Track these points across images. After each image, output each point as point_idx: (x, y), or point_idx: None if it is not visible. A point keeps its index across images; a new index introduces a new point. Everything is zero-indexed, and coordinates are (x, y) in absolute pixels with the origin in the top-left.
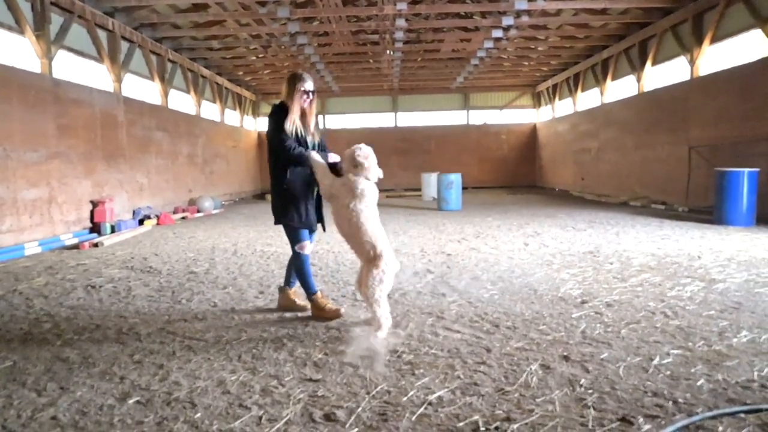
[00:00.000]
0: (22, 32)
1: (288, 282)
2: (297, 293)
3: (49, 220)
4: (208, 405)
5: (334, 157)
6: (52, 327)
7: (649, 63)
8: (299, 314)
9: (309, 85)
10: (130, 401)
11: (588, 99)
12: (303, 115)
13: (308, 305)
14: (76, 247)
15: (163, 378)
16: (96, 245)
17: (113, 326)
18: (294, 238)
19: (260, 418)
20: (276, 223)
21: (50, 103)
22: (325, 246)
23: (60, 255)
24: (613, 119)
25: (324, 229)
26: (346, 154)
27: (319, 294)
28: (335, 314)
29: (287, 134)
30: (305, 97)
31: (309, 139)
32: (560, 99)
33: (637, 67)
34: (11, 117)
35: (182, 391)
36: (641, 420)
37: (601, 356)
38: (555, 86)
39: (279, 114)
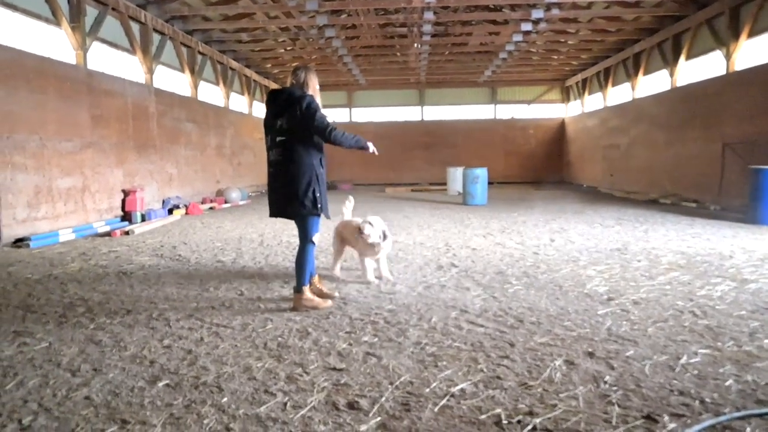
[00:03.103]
0: (58, 24)
1: (311, 273)
2: (321, 282)
3: (83, 208)
4: (234, 390)
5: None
6: (86, 311)
7: (682, 57)
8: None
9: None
10: (160, 384)
11: (619, 94)
12: None
13: (335, 294)
14: (108, 234)
15: (191, 363)
16: (127, 233)
17: (144, 311)
18: (315, 229)
19: (285, 404)
20: (307, 215)
21: (84, 94)
22: None
23: (93, 242)
24: (645, 115)
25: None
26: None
27: (308, 286)
28: (323, 304)
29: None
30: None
31: None
32: (590, 94)
33: (670, 62)
34: (47, 107)
35: (210, 376)
36: (666, 418)
37: (627, 354)
38: (585, 80)
39: (315, 101)
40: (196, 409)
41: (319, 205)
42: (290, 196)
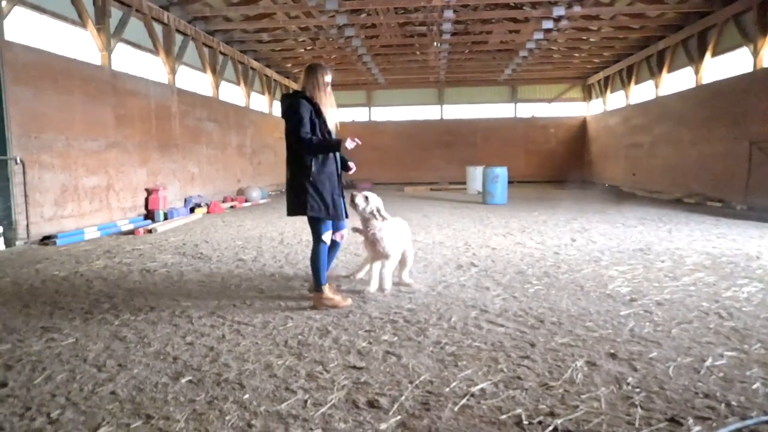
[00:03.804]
0: (84, 26)
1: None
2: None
3: (107, 207)
4: (256, 387)
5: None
6: (111, 307)
7: (708, 54)
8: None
9: (330, 76)
10: (183, 380)
11: (642, 92)
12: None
13: (349, 301)
14: (131, 232)
15: (213, 359)
16: (150, 231)
17: (167, 309)
18: (324, 228)
19: (306, 401)
20: (296, 215)
21: (109, 94)
22: None
23: (117, 240)
24: (669, 113)
25: (347, 216)
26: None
27: (327, 286)
28: (343, 303)
29: (309, 128)
30: (327, 88)
31: (331, 128)
32: (612, 92)
33: (695, 59)
34: (73, 107)
35: (231, 373)
36: (691, 421)
37: (650, 355)
38: (607, 78)
39: (300, 106)
40: (219, 405)
41: (320, 206)
42: (292, 196)
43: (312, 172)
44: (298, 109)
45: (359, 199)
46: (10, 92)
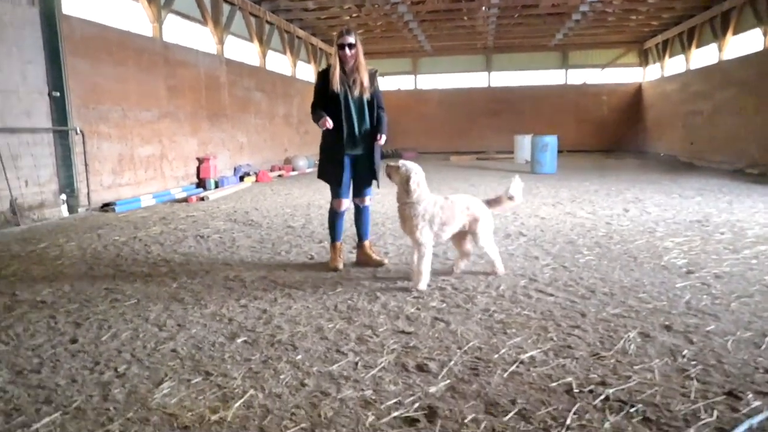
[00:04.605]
0: None
1: (361, 237)
2: (373, 248)
3: (161, 175)
4: (308, 348)
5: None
6: (168, 271)
7: None
8: (391, 271)
9: (344, 39)
10: (239, 340)
11: (703, 56)
12: (351, 71)
13: (385, 261)
14: (185, 200)
15: (266, 322)
16: (202, 199)
17: (221, 273)
18: (331, 194)
19: (356, 363)
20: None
21: (161, 65)
22: None
23: (171, 207)
24: (732, 78)
25: (378, 186)
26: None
27: (338, 244)
28: (332, 264)
29: (317, 101)
30: (341, 51)
31: (356, 95)
32: (671, 56)
33: (764, 20)
34: (127, 79)
35: (284, 335)
36: (750, 396)
37: (707, 328)
38: (665, 42)
39: (317, 80)
40: (273, 365)
41: (323, 171)
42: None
43: (321, 141)
44: (316, 83)
45: (391, 170)
46: (69, 64)
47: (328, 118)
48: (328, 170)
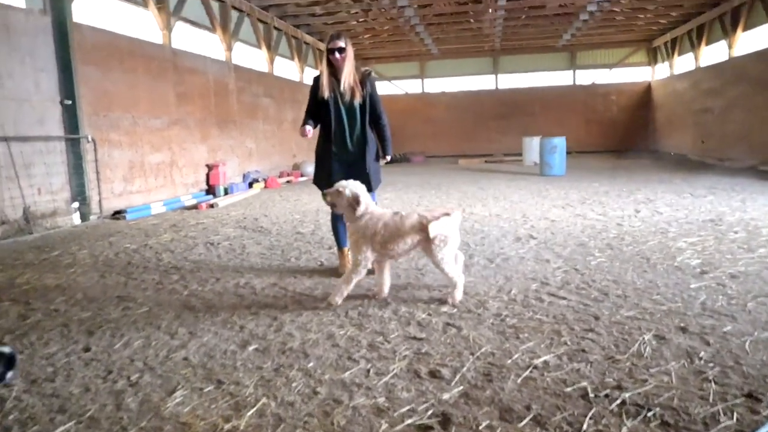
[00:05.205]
0: (145, 6)
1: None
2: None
3: (171, 182)
4: (319, 356)
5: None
6: (179, 278)
7: None
8: (401, 276)
9: (334, 43)
10: (250, 348)
11: (713, 53)
12: (342, 76)
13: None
14: (194, 207)
15: (277, 329)
16: (212, 206)
17: (231, 280)
18: None
19: (368, 370)
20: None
21: (170, 72)
22: None
23: (181, 214)
24: (744, 75)
25: (371, 190)
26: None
27: (346, 249)
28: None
29: (309, 107)
30: (332, 56)
31: (347, 99)
32: (680, 54)
33: None
34: (137, 86)
35: (295, 342)
36: None
37: (724, 329)
38: (674, 40)
39: (311, 86)
40: (284, 373)
41: (317, 177)
42: None
43: (316, 147)
44: (310, 89)
45: (332, 195)
46: (80, 72)
47: (307, 127)
48: (320, 176)
